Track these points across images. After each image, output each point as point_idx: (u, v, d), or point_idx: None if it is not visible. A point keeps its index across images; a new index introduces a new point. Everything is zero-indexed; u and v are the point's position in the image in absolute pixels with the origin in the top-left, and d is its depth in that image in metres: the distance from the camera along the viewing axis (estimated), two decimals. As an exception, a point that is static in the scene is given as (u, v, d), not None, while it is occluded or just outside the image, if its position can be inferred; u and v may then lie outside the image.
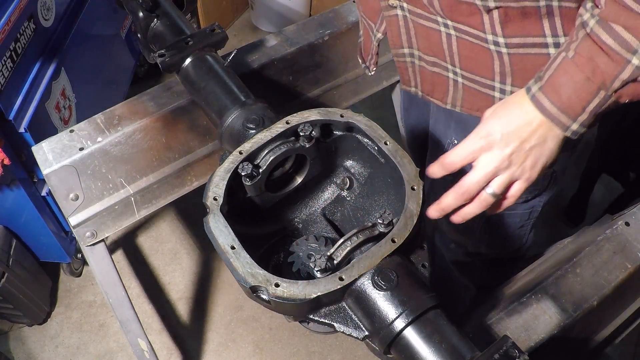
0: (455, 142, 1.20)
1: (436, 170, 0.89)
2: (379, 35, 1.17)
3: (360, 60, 1.34)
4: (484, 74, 1.04)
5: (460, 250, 1.50)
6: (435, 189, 1.37)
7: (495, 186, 0.84)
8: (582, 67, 0.76)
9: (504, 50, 0.98)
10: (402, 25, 1.09)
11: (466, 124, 1.17)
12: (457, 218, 0.90)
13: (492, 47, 0.99)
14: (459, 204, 0.87)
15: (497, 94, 1.07)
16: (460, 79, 1.09)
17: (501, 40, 0.97)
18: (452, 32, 1.02)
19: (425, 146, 1.49)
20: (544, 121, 0.80)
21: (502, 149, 0.82)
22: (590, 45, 0.75)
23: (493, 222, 1.34)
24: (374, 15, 1.16)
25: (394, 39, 1.13)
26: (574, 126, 0.79)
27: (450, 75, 1.10)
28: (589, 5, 0.77)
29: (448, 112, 1.19)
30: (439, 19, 1.01)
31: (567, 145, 1.22)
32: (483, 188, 0.86)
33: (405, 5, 1.05)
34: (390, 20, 1.10)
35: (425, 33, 1.07)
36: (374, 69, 1.28)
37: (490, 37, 0.98)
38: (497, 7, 0.92)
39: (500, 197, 0.86)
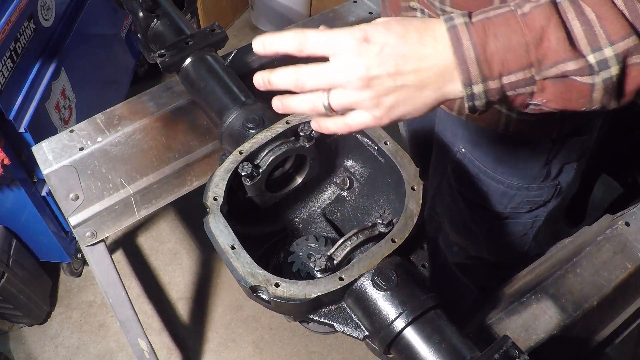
0: (463, 150, 1.19)
1: (288, 42, 0.65)
2: None
3: None
4: None
5: (462, 253, 1.50)
6: (442, 190, 1.38)
7: (333, 99, 0.65)
8: (529, 30, 0.60)
9: None
10: None
11: (476, 134, 1.16)
12: (276, 102, 0.71)
13: None
14: (287, 87, 0.67)
15: (504, 110, 1.06)
16: None
17: None
18: None
19: (427, 148, 1.49)
20: (438, 65, 0.62)
21: (367, 65, 0.62)
22: (552, 14, 0.60)
23: (496, 228, 1.34)
24: (396, 11, 1.13)
25: None
26: (478, 88, 0.62)
27: None
28: None
29: (457, 120, 1.17)
30: None
31: (573, 155, 1.21)
32: (322, 90, 0.66)
33: (425, 10, 1.02)
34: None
35: None
36: None
37: None
38: None
39: (332, 115, 0.68)
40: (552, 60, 0.60)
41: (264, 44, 0.67)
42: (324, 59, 0.65)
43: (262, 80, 0.69)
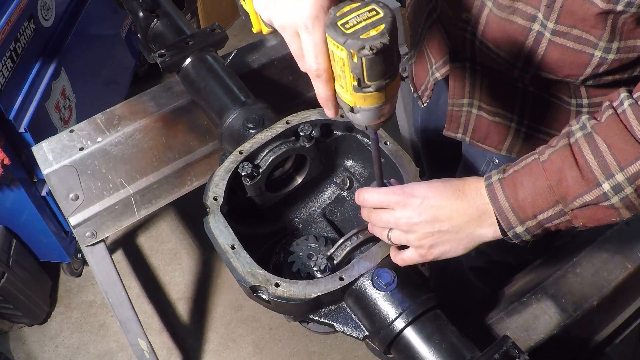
0: (497, 160, 1.18)
1: (357, 199, 0.86)
2: (438, 75, 1.12)
3: (412, 89, 1.28)
4: (558, 127, 1.01)
5: (481, 258, 1.49)
6: None
7: (392, 236, 0.83)
8: (549, 174, 0.72)
9: (585, 110, 0.98)
10: (468, 76, 1.06)
11: None
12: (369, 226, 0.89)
13: (573, 108, 0.98)
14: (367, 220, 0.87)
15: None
16: (524, 129, 1.06)
17: (585, 101, 0.97)
18: (531, 89, 1.00)
19: (442, 155, 1.48)
20: (473, 214, 0.77)
21: (410, 216, 0.79)
22: (566, 156, 0.71)
23: None
24: (436, 52, 1.10)
25: (456, 90, 1.09)
26: (519, 229, 0.75)
27: (513, 125, 1.06)
28: (584, 117, 0.74)
29: None
30: (524, 83, 0.99)
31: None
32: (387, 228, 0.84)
33: (478, 59, 1.01)
34: (456, 72, 1.07)
35: (496, 87, 1.04)
36: (427, 101, 1.21)
37: (574, 101, 0.98)
38: (591, 85, 0.92)
39: (393, 245, 0.85)
40: (573, 195, 0.71)
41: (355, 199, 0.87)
42: None
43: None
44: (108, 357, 2.14)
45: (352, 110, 0.70)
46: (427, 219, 0.78)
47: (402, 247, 0.84)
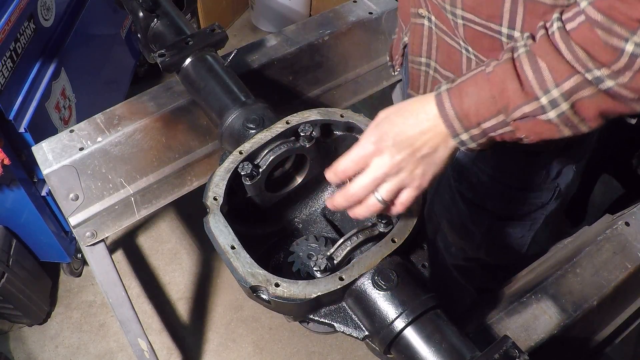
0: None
1: (331, 177, 0.85)
2: (405, 39, 1.19)
3: (388, 58, 1.39)
4: None
5: (460, 254, 1.50)
6: (441, 189, 1.38)
7: (383, 192, 0.81)
8: (493, 85, 0.75)
9: None
10: (425, 35, 1.11)
11: None
12: (351, 214, 0.86)
13: None
14: (349, 206, 0.84)
15: None
16: None
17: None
18: (473, 57, 1.03)
19: None
20: (438, 131, 0.78)
21: (392, 156, 0.79)
22: (509, 68, 0.74)
23: (494, 230, 1.33)
24: (406, 18, 1.18)
25: (414, 47, 1.15)
26: (464, 136, 0.78)
27: None
28: (525, 35, 0.76)
29: None
30: (461, 43, 1.03)
31: (572, 157, 1.21)
32: (372, 192, 0.82)
33: (433, 18, 1.06)
34: (415, 28, 1.12)
35: (446, 49, 1.08)
36: (398, 69, 1.28)
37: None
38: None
39: (388, 203, 0.83)
40: (513, 106, 0.74)
41: (331, 182, 0.86)
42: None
43: (331, 207, 0.87)
44: (108, 357, 2.14)
45: None
46: (408, 152, 0.78)
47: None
